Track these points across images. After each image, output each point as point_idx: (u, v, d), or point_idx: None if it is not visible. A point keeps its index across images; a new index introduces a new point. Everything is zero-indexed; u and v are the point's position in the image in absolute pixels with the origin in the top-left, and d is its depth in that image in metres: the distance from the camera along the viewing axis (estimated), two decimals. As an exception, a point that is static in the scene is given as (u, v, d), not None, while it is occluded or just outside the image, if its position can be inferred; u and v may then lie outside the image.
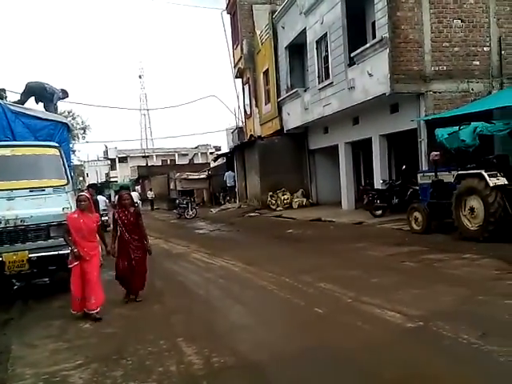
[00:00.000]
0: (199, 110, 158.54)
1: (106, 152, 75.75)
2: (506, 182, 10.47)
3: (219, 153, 46.52)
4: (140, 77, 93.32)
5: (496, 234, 10.39)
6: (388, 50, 14.82)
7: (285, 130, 24.72)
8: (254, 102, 28.80)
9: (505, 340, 5.04)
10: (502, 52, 15.48)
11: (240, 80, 31.35)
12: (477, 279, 7.80)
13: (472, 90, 15.26)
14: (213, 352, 5.36)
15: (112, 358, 5.43)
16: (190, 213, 26.84)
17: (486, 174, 10.49)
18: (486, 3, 15.35)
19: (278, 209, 23.69)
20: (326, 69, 19.80)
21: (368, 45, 16.20)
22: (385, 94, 15.19)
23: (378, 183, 17.40)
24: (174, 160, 70.16)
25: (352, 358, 5.03)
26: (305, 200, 24.15)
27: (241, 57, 29.07)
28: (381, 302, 6.74)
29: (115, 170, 73.94)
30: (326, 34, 19.25)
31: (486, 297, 6.74)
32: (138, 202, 37.75)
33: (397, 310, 6.31)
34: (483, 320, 5.78)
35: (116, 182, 68.44)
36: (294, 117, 23.34)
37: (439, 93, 15.05)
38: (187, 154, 71.35)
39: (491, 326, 5.53)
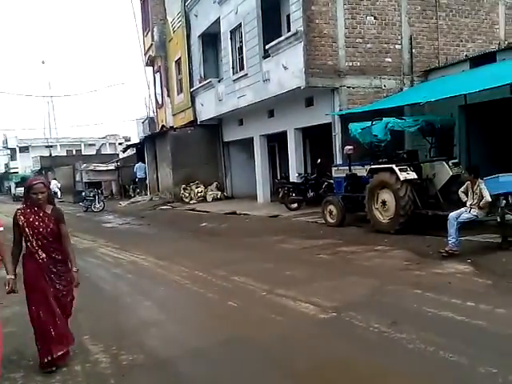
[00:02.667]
0: (108, 98, 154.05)
1: (5, 141, 71.89)
2: (416, 177, 11.00)
3: (129, 143, 45.43)
4: (43, 62, 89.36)
5: (406, 226, 10.85)
6: (303, 43, 15.02)
7: (198, 121, 24.50)
8: (165, 92, 28.33)
9: (413, 328, 5.30)
10: (413, 50, 16.20)
11: (151, 68, 30.75)
12: (388, 270, 8.15)
13: (384, 86, 15.85)
14: (121, 350, 5.21)
15: (11, 359, 5.12)
16: (98, 206, 26.01)
17: (396, 169, 10.91)
18: (398, 1, 15.98)
19: (191, 202, 23.49)
20: (241, 60, 19.78)
21: (283, 37, 16.36)
22: (300, 87, 15.39)
23: (293, 176, 17.67)
24: (80, 150, 67.79)
25: (266, 350, 5.07)
26: (219, 193, 24.12)
27: (151, 44, 28.46)
28: (295, 294, 6.87)
29: (15, 160, 70.37)
30: (240, 25, 19.23)
31: (396, 287, 7.06)
32: (57, 190, 35.89)
33: (311, 302, 6.46)
34: (393, 309, 6.05)
35: (17, 173, 65.16)
36: (208, 108, 23.20)
37: (353, 88, 15.48)
38: (94, 145, 69.16)
39: (400, 314, 5.79)
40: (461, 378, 4.23)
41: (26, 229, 4.82)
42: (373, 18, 15.70)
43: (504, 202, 8.57)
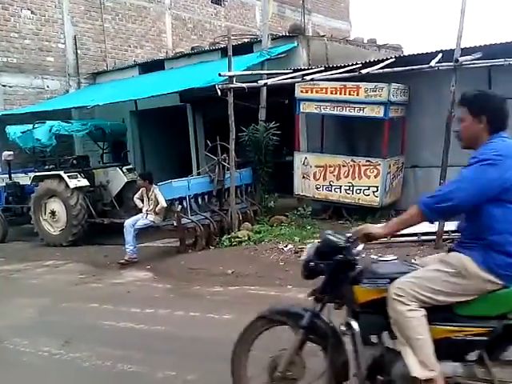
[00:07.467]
0: None
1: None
2: (88, 184, 10.90)
3: None
4: None
5: (81, 237, 10.75)
6: None
7: None
8: None
9: (87, 344, 5.16)
10: (78, 51, 15.99)
11: None
12: (61, 286, 7.92)
13: (48, 87, 15.31)
14: None
15: None
16: None
17: (65, 176, 10.62)
18: (59, -2, 15.58)
19: None
20: None
21: None
22: None
23: None
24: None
25: None
26: None
27: None
28: None
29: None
30: None
31: (70, 303, 6.86)
32: None
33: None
34: (66, 328, 5.81)
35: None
36: None
37: (10, 87, 14.52)
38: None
39: (75, 332, 5.59)
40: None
41: None
42: (30, 12, 14.97)
43: (179, 206, 9.04)
